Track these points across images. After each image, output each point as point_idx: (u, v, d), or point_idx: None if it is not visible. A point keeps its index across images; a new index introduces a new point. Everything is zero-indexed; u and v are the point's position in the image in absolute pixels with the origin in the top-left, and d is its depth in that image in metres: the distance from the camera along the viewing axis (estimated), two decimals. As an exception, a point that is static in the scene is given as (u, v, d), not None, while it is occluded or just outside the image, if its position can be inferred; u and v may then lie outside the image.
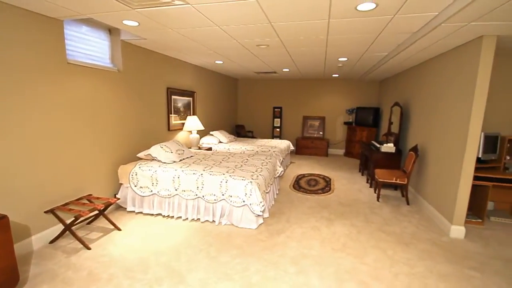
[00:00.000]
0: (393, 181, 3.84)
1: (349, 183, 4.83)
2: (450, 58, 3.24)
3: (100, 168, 3.20)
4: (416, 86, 4.34)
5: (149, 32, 3.00)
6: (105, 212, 3.04)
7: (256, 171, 3.36)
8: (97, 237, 2.76)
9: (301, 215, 3.39)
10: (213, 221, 3.15)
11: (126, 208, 3.41)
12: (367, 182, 4.91)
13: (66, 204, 2.72)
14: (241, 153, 4.52)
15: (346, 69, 5.47)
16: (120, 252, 2.48)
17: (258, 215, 3.02)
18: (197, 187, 3.12)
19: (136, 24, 2.71)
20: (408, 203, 3.88)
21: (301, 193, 4.24)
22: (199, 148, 5.10)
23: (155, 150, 3.52)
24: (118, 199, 3.08)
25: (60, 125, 2.68)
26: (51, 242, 2.62)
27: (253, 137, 7.66)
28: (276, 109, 7.87)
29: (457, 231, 2.92)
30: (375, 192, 4.31)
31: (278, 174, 4.11)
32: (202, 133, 5.79)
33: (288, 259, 2.43)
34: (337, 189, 4.47)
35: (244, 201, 2.96)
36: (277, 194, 4.16)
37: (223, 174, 3.14)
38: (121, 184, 3.40)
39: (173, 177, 3.19)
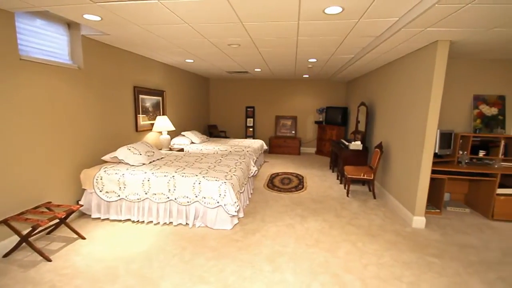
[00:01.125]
0: (361, 177, 4.04)
1: (320, 180, 4.99)
2: (410, 60, 3.49)
3: (60, 173, 2.96)
4: (380, 86, 4.61)
5: (113, 27, 2.83)
6: (67, 221, 2.81)
7: (230, 171, 3.33)
8: (58, 247, 2.55)
9: (275, 214, 3.43)
10: (187, 224, 3.07)
11: (90, 215, 3.19)
12: (337, 178, 5.12)
13: (22, 213, 2.47)
14: (214, 153, 4.46)
15: (316, 70, 5.64)
16: (86, 263, 2.32)
17: (233, 216, 3.01)
18: (169, 190, 3.02)
19: (98, 18, 2.55)
20: (375, 197, 4.10)
21: (275, 192, 4.29)
22: (170, 150, 4.94)
23: (122, 152, 3.34)
24: (81, 205, 2.87)
25: (14, 127, 2.43)
26: (5, 255, 2.37)
27: (226, 137, 7.61)
28: (249, 109, 7.89)
29: (419, 221, 3.15)
30: (345, 188, 4.50)
31: (252, 174, 4.12)
32: (173, 134, 5.62)
33: (264, 257, 2.44)
34: (310, 187, 4.60)
35: (218, 202, 2.93)
36: (251, 193, 4.17)
37: (196, 175, 3.07)
38: (85, 189, 3.18)
39: (143, 180, 3.06)
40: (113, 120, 3.77)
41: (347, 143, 4.91)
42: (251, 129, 7.93)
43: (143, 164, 3.41)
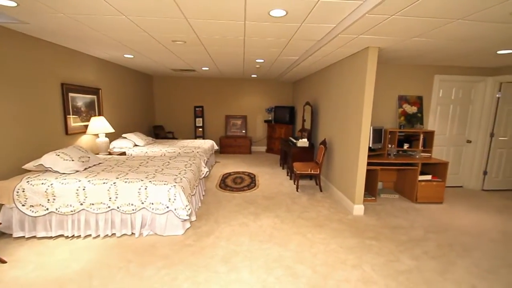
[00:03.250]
0: (308, 172, 4.29)
1: (271, 178, 5.13)
2: (347, 64, 3.82)
3: (-36, 188, 2.42)
4: (323, 87, 4.96)
5: (33, 16, 2.43)
6: (-23, 245, 2.32)
7: (180, 173, 3.18)
8: (-36, 279, 2.09)
9: (229, 214, 3.41)
10: (133, 233, 2.83)
11: (12, 234, 2.70)
12: (287, 175, 5.34)
13: None
14: (161, 156, 4.21)
15: (263, 70, 5.78)
16: (4, 292, 1.95)
17: (185, 220, 2.88)
18: (110, 198, 2.74)
19: (13, 4, 2.15)
20: (321, 190, 4.40)
21: (227, 192, 4.26)
22: (110, 154, 4.49)
23: (49, 159, 2.90)
24: (-3, 225, 2.41)
25: None
26: None
27: (174, 138, 7.26)
28: (197, 109, 7.67)
29: (358, 209, 3.49)
30: (294, 184, 4.72)
31: (203, 175, 4.01)
32: (112, 136, 5.12)
33: (219, 259, 2.40)
34: (262, 184, 4.69)
35: (168, 207, 2.77)
36: (203, 195, 4.06)
37: (142, 180, 2.85)
38: (2, 204, 2.67)
39: (77, 190, 2.71)
40: (35, 122, 3.25)
41: (295, 141, 5.15)
42: (200, 129, 7.72)
43: (77, 171, 3.02)
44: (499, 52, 3.21)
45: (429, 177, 3.95)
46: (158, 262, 2.34)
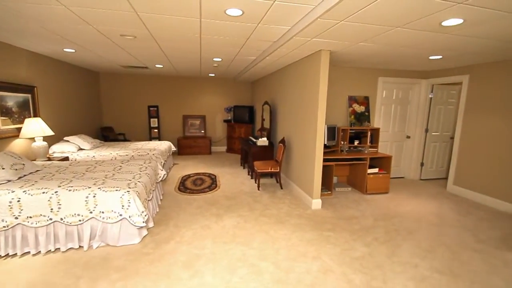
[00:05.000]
0: (269, 170, 4.37)
1: (233, 177, 5.11)
2: (302, 65, 3.98)
3: None
4: (280, 87, 5.09)
5: None
6: None
7: (134, 178, 2.97)
8: None
9: (189, 217, 3.29)
10: (81, 246, 2.56)
11: None
12: (248, 174, 5.37)
13: None
14: (111, 159, 3.88)
15: (221, 69, 5.71)
16: None
17: (141, 227, 2.70)
18: (51, 209, 2.44)
19: None
20: (281, 188, 4.52)
21: (187, 195, 4.12)
22: (49, 159, 4.00)
23: (-28, 169, 2.47)
24: None
25: None
26: None
27: (126, 140, 6.77)
28: (152, 108, 7.25)
29: (316, 203, 3.66)
30: (255, 182, 4.77)
31: (160, 178, 3.81)
32: (52, 140, 4.57)
33: (181, 265, 2.30)
34: (223, 185, 4.64)
35: (121, 215, 2.56)
36: (161, 199, 3.86)
37: (89, 187, 2.59)
38: None
39: (10, 202, 2.35)
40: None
41: (255, 140, 5.20)
42: (156, 130, 7.33)
43: (9, 181, 2.63)
44: (431, 57, 3.66)
45: (376, 170, 4.34)
46: (113, 275, 2.15)
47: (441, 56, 3.57)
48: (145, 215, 2.63)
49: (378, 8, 1.96)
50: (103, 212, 2.53)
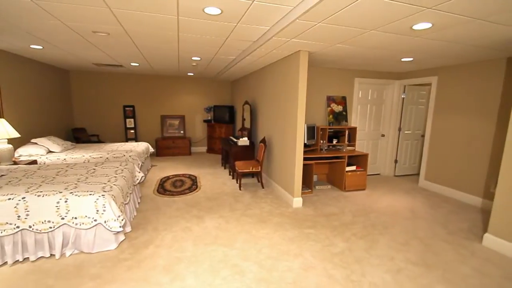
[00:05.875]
0: (250, 170, 4.37)
1: (214, 178, 5.05)
2: (282, 65, 4.02)
3: None
4: (260, 87, 5.11)
5: None
6: None
7: (109, 181, 2.85)
8: None
9: (169, 220, 3.21)
10: (52, 255, 2.41)
11: None
12: (230, 174, 5.33)
13: None
14: (84, 162, 3.69)
15: (200, 68, 5.62)
16: None
17: (118, 232, 2.59)
18: (19, 217, 2.27)
19: None
20: (263, 187, 4.53)
21: (167, 197, 4.01)
22: (15, 163, 3.73)
23: None
24: None
25: None
26: None
27: (99, 141, 6.46)
28: (127, 108, 6.99)
29: (297, 201, 3.72)
30: (237, 182, 4.74)
31: (138, 181, 3.68)
32: (17, 143, 4.26)
33: (161, 269, 2.24)
34: (204, 186, 4.57)
35: (96, 220, 2.44)
36: (139, 202, 3.73)
37: (60, 192, 2.44)
38: None
39: (-31, 211, 2.16)
40: None
41: (235, 140, 5.18)
42: (132, 131, 7.07)
43: (-32, 187, 2.41)
44: (402, 59, 3.84)
45: (354, 167, 4.48)
46: (87, 284, 2.05)
47: (412, 58, 3.76)
48: (122, 220, 2.53)
49: (353, 11, 2.02)
50: (76, 218, 2.40)
